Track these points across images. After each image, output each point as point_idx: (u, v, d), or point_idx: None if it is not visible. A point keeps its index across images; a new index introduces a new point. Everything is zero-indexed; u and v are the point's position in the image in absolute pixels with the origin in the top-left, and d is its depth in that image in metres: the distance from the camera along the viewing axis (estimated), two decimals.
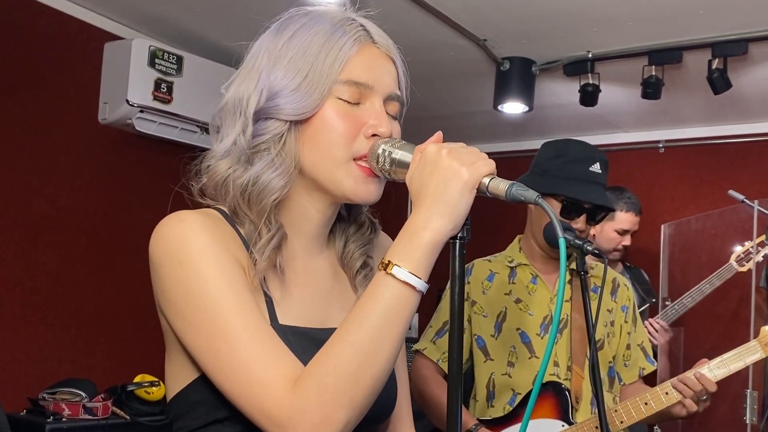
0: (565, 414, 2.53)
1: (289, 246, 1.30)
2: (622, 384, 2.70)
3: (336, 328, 1.17)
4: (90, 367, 3.97)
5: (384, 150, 1.23)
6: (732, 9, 3.58)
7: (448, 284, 2.42)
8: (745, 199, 4.11)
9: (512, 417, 2.55)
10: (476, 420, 2.56)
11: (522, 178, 2.63)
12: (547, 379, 2.56)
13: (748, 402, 3.85)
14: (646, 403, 2.51)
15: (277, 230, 1.26)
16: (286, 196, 1.29)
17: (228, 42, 4.53)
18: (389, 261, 1.14)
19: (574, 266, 2.53)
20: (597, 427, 2.47)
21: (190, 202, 1.32)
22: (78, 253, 4.07)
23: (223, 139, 1.29)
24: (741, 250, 4.16)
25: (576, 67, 4.32)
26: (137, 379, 3.62)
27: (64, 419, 3.35)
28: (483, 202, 1.22)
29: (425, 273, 1.15)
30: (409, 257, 1.14)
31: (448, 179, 1.13)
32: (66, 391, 3.46)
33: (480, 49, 4.23)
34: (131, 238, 4.24)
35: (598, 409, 2.14)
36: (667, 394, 2.50)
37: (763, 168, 5.10)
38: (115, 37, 4.09)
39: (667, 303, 4.56)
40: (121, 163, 4.28)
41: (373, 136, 1.26)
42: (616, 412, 2.53)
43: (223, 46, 4.25)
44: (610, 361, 2.66)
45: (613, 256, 4.20)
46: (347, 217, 1.43)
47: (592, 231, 2.55)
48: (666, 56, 4.06)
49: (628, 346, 2.70)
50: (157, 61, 3.91)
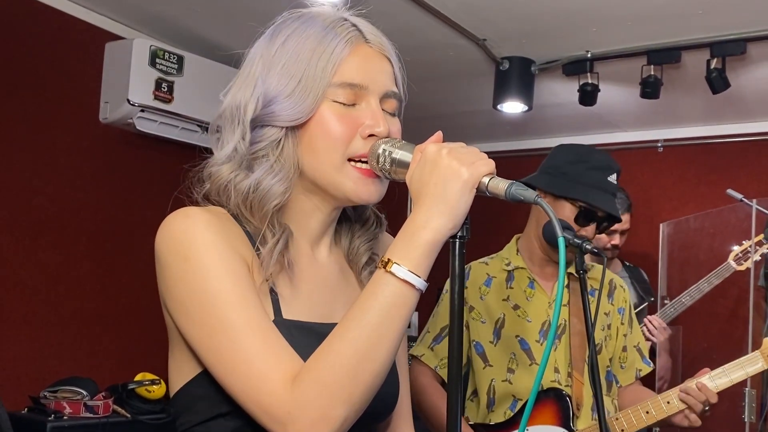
0: (566, 421, 2.51)
1: (295, 243, 1.31)
2: (619, 386, 2.69)
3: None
4: (91, 366, 3.98)
5: (384, 150, 1.24)
6: (730, 9, 3.59)
7: (446, 285, 2.42)
8: (744, 198, 4.12)
9: (513, 423, 2.54)
10: None
11: (534, 177, 2.63)
12: (549, 385, 2.55)
13: (746, 400, 3.85)
14: (648, 412, 2.51)
15: (282, 233, 1.28)
16: (288, 199, 1.31)
17: (228, 42, 4.55)
18: (389, 259, 1.15)
19: (572, 270, 2.55)
20: None
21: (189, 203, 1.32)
22: (79, 252, 4.07)
23: (224, 146, 1.30)
24: (739, 249, 4.17)
25: (575, 67, 4.33)
26: (138, 377, 3.62)
27: (66, 417, 3.35)
28: (483, 202, 1.23)
29: (425, 272, 1.16)
30: (409, 256, 1.15)
31: (448, 179, 1.14)
32: (67, 389, 3.46)
33: (479, 49, 4.24)
34: (132, 237, 4.26)
35: (598, 412, 2.13)
36: (668, 403, 2.49)
37: (762, 167, 5.11)
38: (115, 37, 4.09)
39: (665, 302, 4.56)
40: (121, 163, 4.28)
41: (371, 136, 1.26)
42: (617, 420, 2.52)
43: (223, 46, 4.25)
44: (607, 365, 2.65)
45: (606, 255, 4.18)
46: (353, 214, 1.44)
47: (583, 231, 2.55)
48: (665, 56, 4.06)
49: (624, 348, 2.70)
50: (157, 60, 3.91)
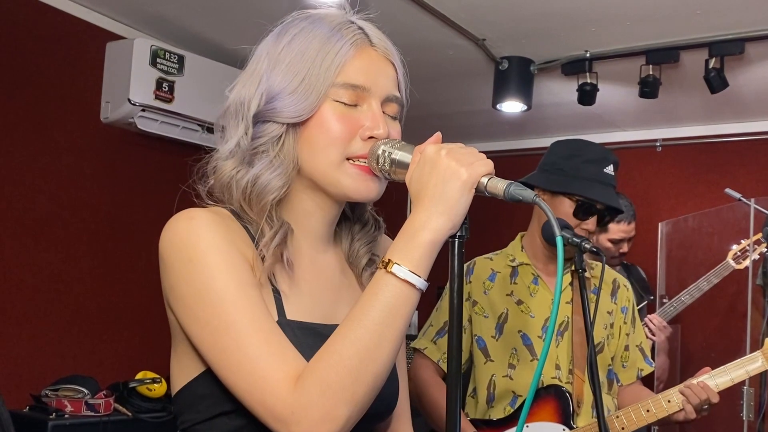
0: (566, 418, 2.52)
1: (295, 243, 1.33)
2: (620, 385, 2.69)
3: None
4: (92, 364, 4.00)
5: (384, 151, 1.25)
6: (729, 9, 3.60)
7: (446, 287, 2.42)
8: (742, 197, 4.12)
9: (512, 419, 2.54)
10: (474, 428, 2.55)
11: (533, 176, 2.63)
12: (549, 382, 2.55)
13: (745, 399, 3.86)
14: (648, 410, 2.50)
15: (280, 226, 1.29)
16: (288, 196, 1.32)
17: (229, 42, 4.54)
18: (389, 259, 1.16)
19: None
20: None
21: (197, 203, 1.34)
22: (80, 251, 4.08)
23: (228, 141, 1.32)
24: (738, 248, 4.18)
25: (574, 67, 4.34)
26: (139, 375, 3.63)
27: (67, 416, 3.36)
28: (482, 202, 1.23)
29: (425, 271, 1.17)
30: (409, 256, 1.16)
31: (447, 179, 1.15)
32: (68, 387, 3.47)
33: (479, 49, 4.25)
34: (133, 236, 4.26)
35: (596, 409, 2.14)
36: (669, 402, 2.49)
37: (760, 166, 5.12)
38: (116, 37, 4.10)
39: (664, 300, 4.58)
40: (123, 162, 4.29)
41: (370, 138, 1.27)
42: (618, 417, 2.52)
43: (224, 46, 4.26)
44: (609, 364, 2.65)
45: (612, 262, 4.17)
46: (352, 216, 1.45)
47: (584, 225, 2.55)
48: (663, 56, 4.07)
49: (627, 347, 2.70)
50: (158, 60, 3.92)
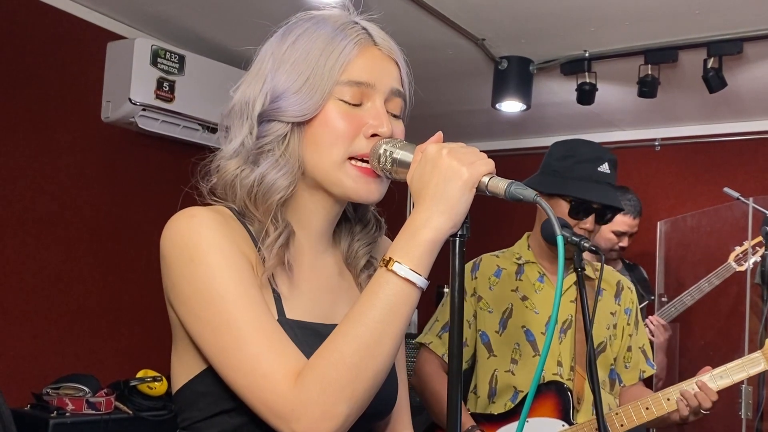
0: (566, 414, 2.54)
1: (297, 243, 1.33)
2: (622, 386, 2.71)
3: None
4: (93, 363, 4.00)
5: (385, 150, 1.25)
6: (727, 9, 3.61)
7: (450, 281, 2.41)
8: (741, 197, 4.12)
9: (513, 414, 2.57)
10: (473, 422, 2.57)
11: (532, 178, 2.65)
12: (550, 378, 2.58)
13: (743, 397, 3.87)
14: (647, 408, 2.51)
15: (284, 228, 1.29)
16: (291, 196, 1.33)
17: (229, 41, 4.55)
18: (390, 258, 1.17)
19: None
20: (597, 429, 2.50)
21: (199, 202, 1.34)
22: (81, 250, 4.09)
23: (232, 141, 1.32)
24: (740, 249, 4.20)
25: (573, 66, 4.34)
26: (140, 374, 3.64)
27: (68, 414, 3.37)
28: (482, 201, 1.24)
29: (425, 270, 1.17)
30: (410, 254, 1.16)
31: (448, 178, 1.15)
32: (69, 386, 3.48)
33: (478, 49, 4.25)
34: (134, 235, 4.27)
35: (595, 406, 2.15)
36: (668, 400, 2.50)
37: (758, 165, 5.13)
38: (117, 37, 4.10)
39: (663, 299, 4.59)
40: (123, 161, 4.30)
41: (373, 135, 1.28)
42: (617, 414, 2.53)
43: (224, 46, 4.27)
44: (611, 364, 2.67)
45: (610, 255, 4.20)
46: (353, 216, 1.46)
47: (582, 225, 2.56)
48: (662, 55, 4.07)
49: (629, 348, 2.71)
50: (159, 60, 3.93)
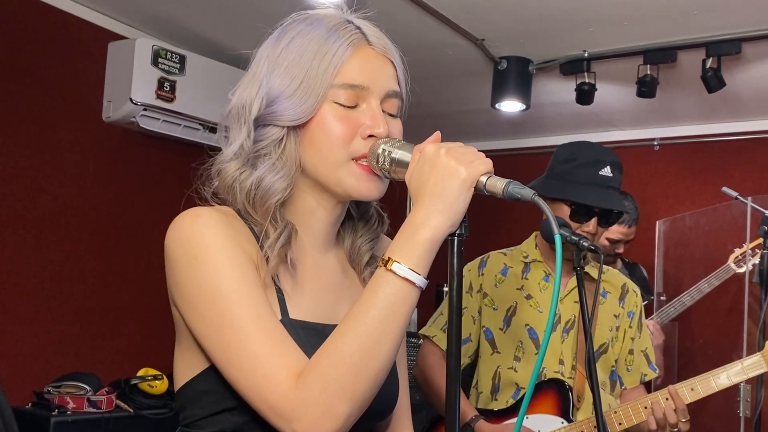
0: (565, 412, 2.56)
1: (299, 243, 1.34)
2: (624, 388, 2.72)
3: None
4: (94, 361, 4.01)
5: (384, 150, 1.26)
6: (725, 9, 3.62)
7: (463, 271, 2.46)
8: (739, 196, 4.12)
9: (514, 410, 2.59)
10: (476, 411, 2.60)
11: (536, 181, 2.66)
12: (552, 376, 2.60)
13: (741, 395, 3.88)
14: (646, 407, 2.51)
15: (284, 227, 1.30)
16: (292, 197, 1.33)
17: (230, 42, 4.56)
18: (389, 258, 1.17)
19: (588, 269, 2.57)
20: (596, 427, 2.52)
21: (200, 203, 1.35)
22: (82, 249, 4.09)
23: (232, 144, 1.33)
24: (740, 251, 4.21)
25: (572, 66, 4.35)
26: (141, 372, 3.66)
27: (69, 412, 3.38)
28: (481, 200, 1.25)
29: (424, 269, 1.18)
30: (409, 254, 1.16)
31: (447, 178, 1.15)
32: (70, 384, 3.49)
33: (477, 49, 4.26)
34: (135, 234, 4.28)
35: (595, 405, 2.16)
36: (667, 399, 2.50)
37: (757, 165, 5.14)
38: (118, 37, 4.11)
39: (662, 298, 4.61)
40: (124, 161, 4.31)
41: (370, 136, 1.28)
42: (616, 413, 2.54)
43: (225, 46, 4.28)
44: (612, 366, 2.68)
45: (607, 260, 4.16)
46: (356, 213, 1.46)
47: (585, 227, 2.57)
48: (661, 55, 4.09)
49: (631, 351, 2.72)
50: (160, 60, 3.94)
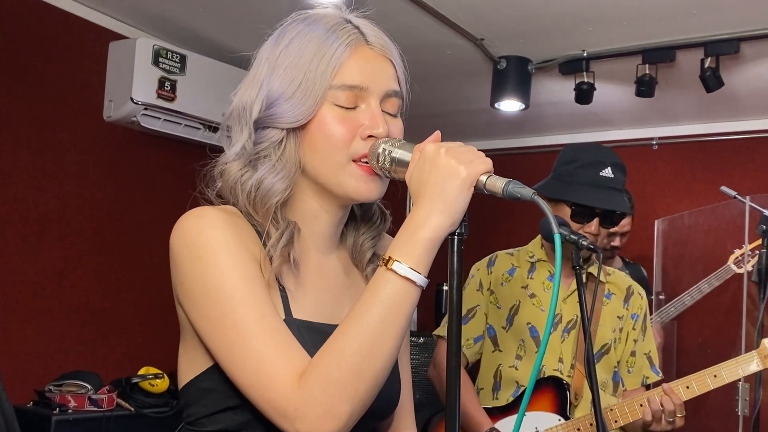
0: (562, 409, 2.59)
1: (302, 243, 1.34)
2: (625, 389, 2.73)
3: None
4: (95, 360, 4.02)
5: (384, 149, 1.26)
6: (724, 9, 3.63)
7: (472, 270, 2.50)
8: (738, 195, 4.12)
9: (513, 407, 2.63)
10: (492, 424, 2.61)
11: (540, 183, 2.68)
12: (551, 374, 2.62)
13: (740, 394, 3.89)
14: (641, 405, 2.53)
15: (286, 227, 1.30)
16: (295, 199, 1.34)
17: (230, 41, 4.57)
18: (390, 257, 1.17)
19: (593, 270, 2.59)
20: (592, 424, 2.53)
21: (206, 203, 1.35)
22: (83, 248, 4.10)
23: (234, 145, 1.34)
24: (739, 252, 4.22)
25: (571, 66, 4.36)
26: (142, 371, 3.67)
27: (70, 411, 3.39)
28: (481, 200, 1.26)
29: (425, 268, 1.18)
30: (409, 253, 1.17)
31: (447, 177, 1.16)
32: (72, 383, 3.51)
33: (477, 48, 4.27)
34: (136, 233, 4.29)
35: (593, 403, 2.16)
36: (663, 396, 2.50)
37: (755, 164, 5.15)
38: (119, 37, 4.12)
39: (660, 297, 4.62)
40: (125, 160, 4.32)
41: (370, 137, 1.28)
42: (612, 411, 2.56)
43: (225, 46, 4.28)
44: (614, 366, 2.70)
45: (605, 255, 4.19)
46: (359, 212, 1.46)
47: (587, 228, 2.58)
48: (659, 55, 4.10)
49: (633, 353, 2.73)
50: (160, 59, 3.95)
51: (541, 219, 2.58)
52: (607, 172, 2.54)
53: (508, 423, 2.61)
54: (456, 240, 1.20)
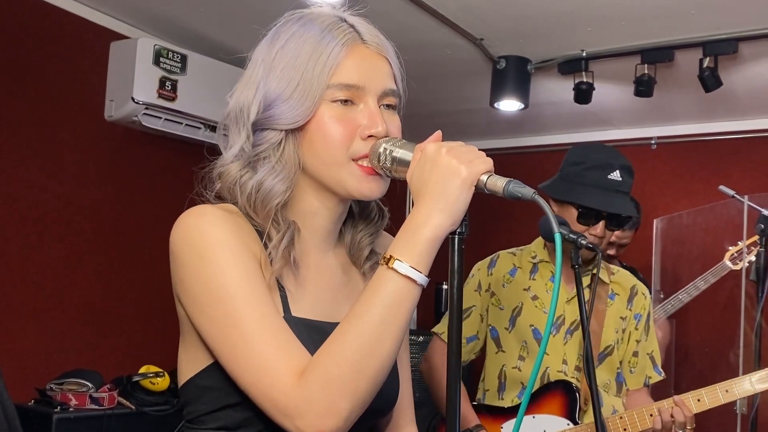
0: (572, 413, 2.58)
1: (301, 242, 1.35)
2: (627, 389, 2.74)
3: None
4: (96, 359, 4.02)
5: (385, 149, 1.27)
6: (722, 9, 3.64)
7: (473, 270, 2.51)
8: (736, 194, 4.11)
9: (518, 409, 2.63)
10: (478, 420, 2.62)
11: (547, 182, 2.67)
12: (556, 376, 2.62)
13: None
14: (651, 414, 2.52)
15: (287, 228, 1.31)
16: (294, 197, 1.34)
17: (231, 42, 4.59)
18: (391, 256, 1.18)
19: (596, 271, 2.59)
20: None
21: (201, 200, 1.36)
22: (84, 247, 4.11)
23: (232, 147, 1.34)
24: (735, 249, 4.23)
25: (570, 66, 4.37)
26: (142, 369, 3.67)
27: (71, 409, 3.39)
28: (481, 199, 1.26)
29: (426, 267, 1.18)
30: (410, 252, 1.17)
31: (448, 177, 1.16)
32: (73, 381, 3.50)
33: (477, 48, 4.28)
34: (136, 232, 4.30)
35: (593, 403, 2.17)
36: (674, 408, 2.50)
37: (753, 163, 5.15)
38: (120, 37, 4.13)
39: (660, 295, 4.64)
40: (126, 159, 4.32)
41: (370, 137, 1.28)
42: (621, 419, 2.55)
43: (226, 46, 4.28)
44: (617, 367, 2.70)
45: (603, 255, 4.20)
46: (357, 209, 1.47)
47: (592, 231, 2.57)
48: (658, 55, 4.10)
49: (635, 353, 2.73)
50: (161, 59, 3.96)
51: (541, 218, 2.59)
52: (615, 175, 2.52)
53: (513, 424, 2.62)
54: (456, 239, 1.20)
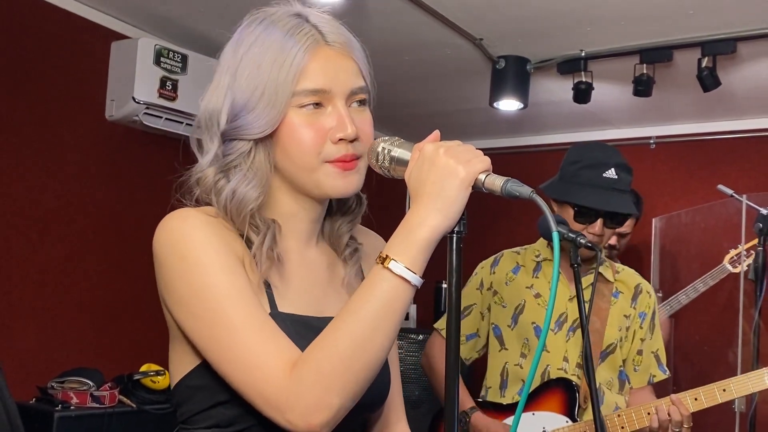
0: (571, 411, 2.60)
1: (283, 239, 1.36)
2: (631, 387, 2.75)
3: (332, 317, 1.22)
4: (97, 357, 4.03)
5: (384, 148, 1.28)
6: (721, 9, 3.64)
7: (476, 268, 2.54)
8: (734, 194, 4.13)
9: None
10: (473, 402, 2.65)
11: (547, 183, 2.69)
12: (556, 374, 2.64)
13: None
14: (649, 413, 2.53)
15: (267, 229, 1.32)
16: (270, 199, 1.35)
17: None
18: (386, 255, 1.19)
19: (603, 271, 2.60)
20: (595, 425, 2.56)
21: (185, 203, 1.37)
22: (85, 246, 4.11)
23: (207, 153, 1.35)
24: (734, 252, 4.24)
25: (569, 66, 4.37)
26: (143, 368, 3.66)
27: (72, 407, 3.39)
28: (480, 199, 1.27)
29: (420, 268, 1.19)
30: (406, 252, 1.18)
31: (446, 177, 1.17)
32: (74, 380, 3.50)
33: (476, 48, 4.28)
34: (137, 232, 4.28)
35: (591, 401, 2.18)
36: (671, 406, 2.51)
37: (752, 163, 5.16)
38: (121, 36, 4.13)
39: (658, 295, 4.65)
40: (127, 159, 4.32)
41: (341, 140, 1.29)
42: (619, 417, 2.56)
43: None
44: (620, 365, 2.71)
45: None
46: (335, 204, 1.47)
47: (590, 229, 2.59)
48: (657, 55, 4.10)
49: (640, 352, 2.73)
50: (162, 59, 3.96)
51: (539, 217, 2.61)
52: (611, 174, 2.53)
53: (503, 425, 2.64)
54: (455, 238, 1.21)
